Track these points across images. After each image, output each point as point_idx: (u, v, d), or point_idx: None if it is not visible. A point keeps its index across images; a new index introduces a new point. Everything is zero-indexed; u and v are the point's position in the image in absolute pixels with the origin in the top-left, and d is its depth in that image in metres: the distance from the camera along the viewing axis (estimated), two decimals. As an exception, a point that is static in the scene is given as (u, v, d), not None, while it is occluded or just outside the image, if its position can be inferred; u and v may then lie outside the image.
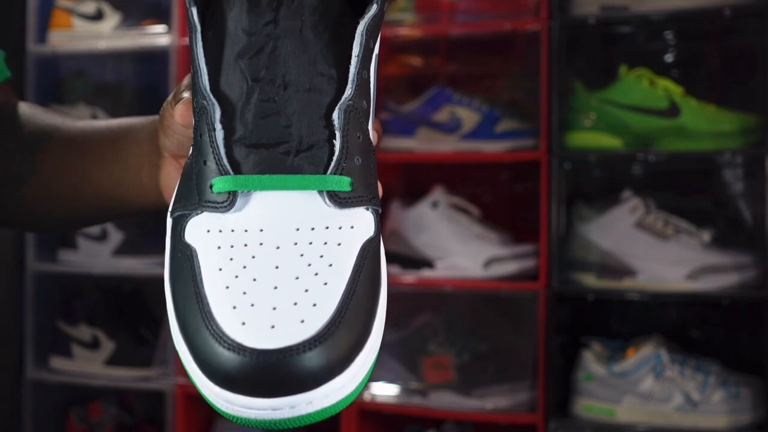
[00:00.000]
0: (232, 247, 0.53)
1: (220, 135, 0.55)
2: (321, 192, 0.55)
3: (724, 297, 1.89)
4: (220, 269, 0.52)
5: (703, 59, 2.15)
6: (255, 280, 0.51)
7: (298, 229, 0.54)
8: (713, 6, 1.92)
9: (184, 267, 0.54)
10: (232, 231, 0.54)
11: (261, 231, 0.54)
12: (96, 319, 2.38)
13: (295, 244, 0.53)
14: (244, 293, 0.51)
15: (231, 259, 0.53)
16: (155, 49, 2.32)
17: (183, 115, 0.64)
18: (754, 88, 1.94)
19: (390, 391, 2.09)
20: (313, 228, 0.54)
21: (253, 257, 0.52)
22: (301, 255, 0.53)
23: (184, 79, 0.67)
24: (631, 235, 1.95)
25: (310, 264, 0.52)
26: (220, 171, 0.55)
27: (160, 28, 2.32)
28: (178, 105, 0.64)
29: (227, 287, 0.51)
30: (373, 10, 0.57)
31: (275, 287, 0.51)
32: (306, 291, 0.51)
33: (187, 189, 0.57)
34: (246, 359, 0.48)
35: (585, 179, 2.14)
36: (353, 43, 0.56)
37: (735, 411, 1.84)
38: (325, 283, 0.51)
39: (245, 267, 0.52)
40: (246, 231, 0.54)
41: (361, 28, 0.57)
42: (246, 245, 0.53)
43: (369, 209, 0.57)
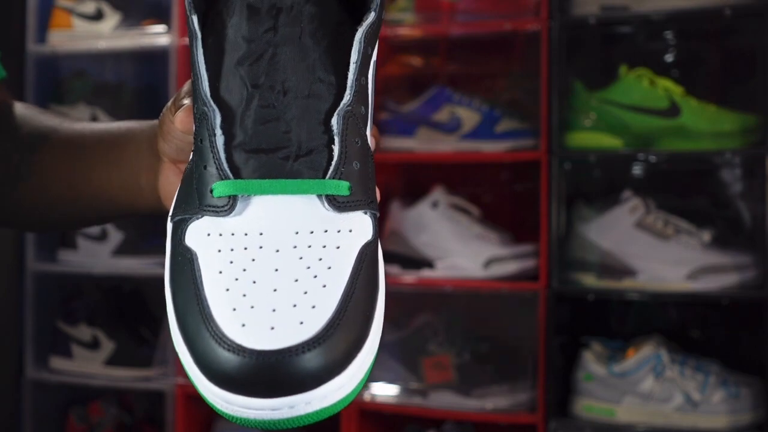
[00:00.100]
0: (232, 251, 0.54)
1: (220, 140, 0.56)
2: (320, 196, 0.55)
3: (724, 297, 1.89)
4: (220, 272, 0.53)
5: (703, 59, 2.15)
6: (255, 282, 0.52)
7: (297, 233, 0.54)
8: (713, 6, 1.92)
9: (184, 270, 0.54)
10: (232, 235, 0.55)
11: (261, 234, 0.54)
12: (96, 319, 2.38)
13: (295, 247, 0.54)
14: (244, 295, 0.51)
15: (231, 262, 0.53)
16: (155, 49, 2.32)
17: (183, 122, 0.64)
18: (754, 88, 1.94)
19: (390, 391, 2.09)
20: (312, 231, 0.54)
21: (253, 260, 0.53)
22: (300, 258, 0.53)
23: (183, 86, 0.67)
24: (631, 235, 1.95)
25: (309, 267, 0.53)
26: (220, 176, 0.55)
27: (160, 28, 2.32)
28: (178, 112, 0.65)
29: (227, 290, 0.52)
30: (371, 17, 0.58)
31: (275, 290, 0.51)
32: (305, 293, 0.51)
33: (188, 194, 0.57)
34: (245, 360, 0.49)
35: (585, 179, 2.14)
36: (351, 50, 0.57)
37: (735, 411, 1.84)
38: (324, 286, 0.52)
39: (245, 270, 0.53)
40: (246, 234, 0.54)
41: (359, 35, 0.57)
42: (246, 248, 0.54)
43: (367, 213, 0.57)
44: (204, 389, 0.51)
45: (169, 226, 0.59)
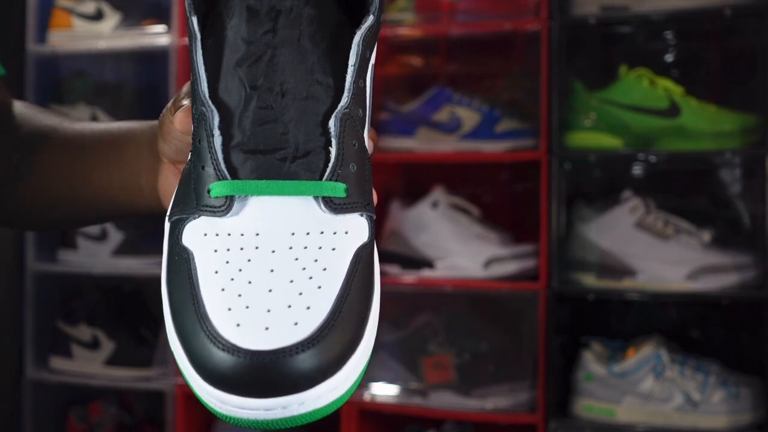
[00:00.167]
0: (228, 251, 0.54)
1: (218, 141, 0.56)
2: (316, 198, 0.56)
3: (724, 297, 1.89)
4: (216, 272, 0.53)
5: (703, 59, 2.15)
6: (250, 282, 0.52)
7: (293, 234, 0.55)
8: (713, 6, 1.92)
9: (181, 270, 0.55)
10: (228, 235, 0.55)
11: (257, 235, 0.54)
12: (96, 319, 2.38)
13: (290, 248, 0.54)
14: (239, 295, 0.51)
15: (227, 262, 0.53)
16: (155, 49, 2.32)
17: (182, 123, 0.65)
18: (754, 88, 1.94)
19: (390, 391, 2.09)
20: (308, 233, 0.55)
21: (249, 260, 0.53)
22: (296, 259, 0.53)
23: (183, 87, 0.67)
24: (631, 235, 1.95)
25: (304, 268, 0.53)
26: (218, 176, 0.56)
27: (160, 28, 2.32)
28: (177, 112, 0.65)
29: (223, 289, 0.52)
30: (370, 20, 0.58)
31: (270, 290, 0.52)
32: (300, 294, 0.52)
33: (186, 193, 0.58)
34: (240, 360, 0.49)
35: (585, 179, 2.14)
36: (350, 53, 0.57)
37: (735, 411, 1.84)
38: (319, 287, 0.52)
39: (241, 270, 0.53)
40: (242, 235, 0.55)
41: (358, 38, 0.58)
42: (242, 249, 0.54)
43: (363, 215, 0.57)
44: (198, 388, 0.51)
45: (167, 225, 0.59)
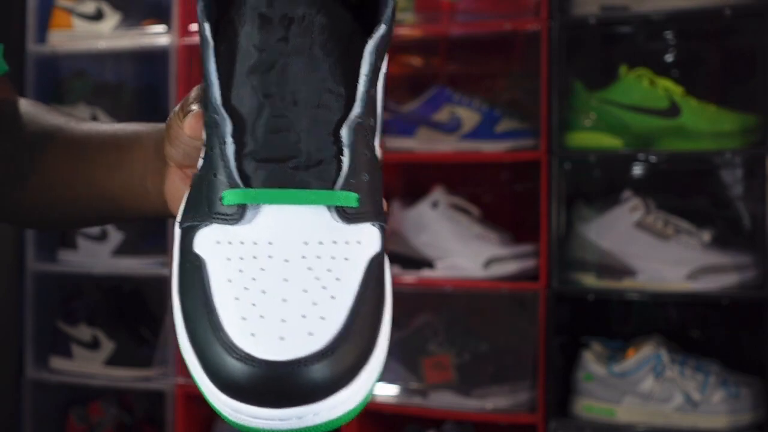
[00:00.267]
0: (241, 259, 0.54)
1: (230, 149, 0.56)
2: (329, 207, 0.55)
3: (724, 297, 1.89)
4: (229, 280, 0.53)
5: (703, 59, 2.15)
6: (264, 292, 0.52)
7: (306, 243, 0.54)
8: (713, 6, 1.92)
9: (193, 277, 0.54)
10: (241, 243, 0.54)
11: (270, 244, 0.54)
12: (96, 319, 2.38)
13: (304, 257, 0.54)
14: (253, 305, 0.51)
15: (240, 271, 0.53)
16: (155, 49, 2.32)
17: (192, 128, 0.64)
18: (754, 88, 1.94)
19: (390, 391, 2.09)
20: (321, 242, 0.54)
21: (262, 270, 0.53)
22: (309, 268, 0.53)
23: (191, 91, 0.67)
24: (631, 235, 1.95)
25: (318, 278, 0.53)
26: (230, 184, 0.55)
27: (160, 28, 2.32)
28: (187, 117, 0.65)
29: (237, 298, 0.52)
30: (382, 30, 0.58)
31: (284, 300, 0.51)
32: (314, 304, 0.51)
33: (197, 200, 0.57)
34: (255, 370, 0.49)
35: (585, 179, 2.14)
36: (361, 62, 0.57)
37: (735, 411, 1.84)
38: (333, 297, 0.52)
39: (254, 279, 0.53)
40: (255, 243, 0.54)
41: (370, 47, 0.57)
42: (255, 257, 0.54)
43: (375, 225, 0.57)
44: (211, 396, 0.51)
45: (177, 231, 0.59)
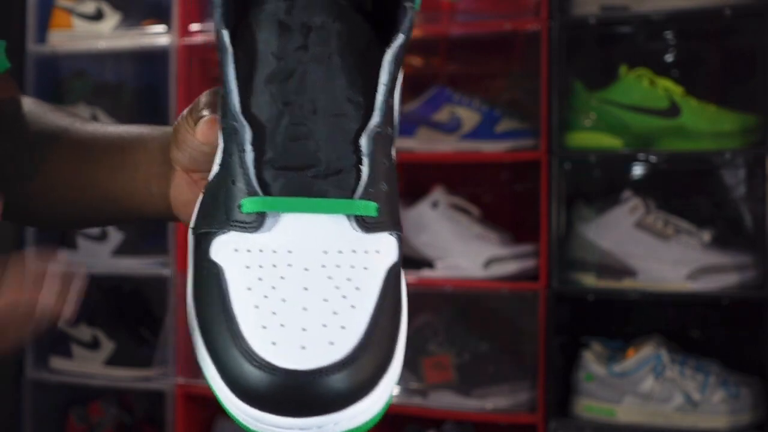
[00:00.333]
0: (260, 267, 0.53)
1: (250, 156, 0.56)
2: (348, 216, 0.55)
3: (724, 297, 1.89)
4: (249, 288, 0.53)
5: (703, 59, 2.15)
6: (284, 300, 0.52)
7: (325, 252, 0.54)
8: (713, 6, 1.92)
9: (210, 285, 0.54)
10: (260, 251, 0.54)
11: (289, 252, 0.54)
12: (96, 319, 2.38)
13: (323, 266, 0.53)
14: (273, 313, 0.51)
15: (260, 279, 0.53)
16: (155, 49, 2.32)
17: (205, 134, 0.64)
18: (754, 88, 1.94)
19: (390, 391, 2.09)
20: (341, 251, 0.54)
21: (282, 278, 0.53)
22: (329, 277, 0.53)
23: (201, 96, 0.66)
24: (631, 235, 1.95)
25: (338, 287, 0.53)
26: (249, 192, 0.55)
27: (160, 28, 2.32)
28: (200, 123, 0.64)
29: (256, 306, 0.52)
30: (400, 39, 0.57)
31: (304, 308, 0.51)
32: (335, 313, 0.51)
33: (213, 207, 0.57)
34: (276, 378, 0.49)
35: (585, 179, 2.14)
36: (381, 71, 0.57)
37: (735, 411, 1.84)
38: (353, 306, 0.52)
39: (274, 287, 0.52)
40: (274, 252, 0.54)
41: (389, 57, 0.57)
42: (275, 266, 0.53)
43: (393, 234, 0.57)
44: (230, 404, 0.51)
45: (191, 238, 0.58)
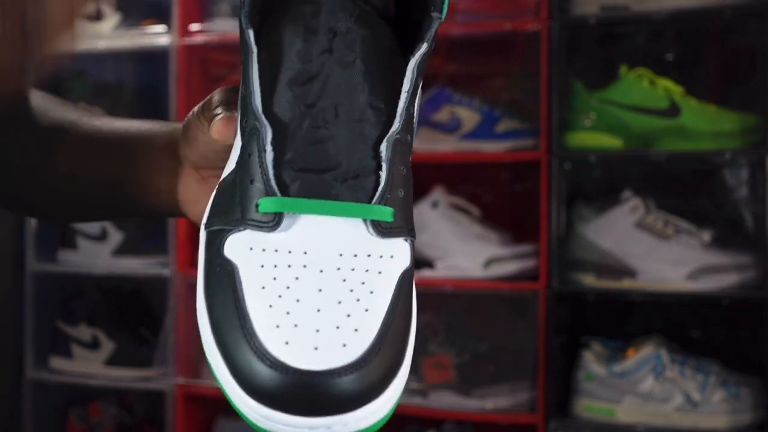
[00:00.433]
0: (275, 267, 0.54)
1: (269, 157, 0.56)
2: (365, 220, 0.56)
3: (724, 297, 1.89)
4: (263, 287, 0.53)
5: (703, 59, 2.15)
6: (298, 301, 0.52)
7: (341, 255, 0.54)
8: (713, 6, 1.92)
9: (223, 282, 0.54)
10: (276, 251, 0.55)
11: (305, 253, 0.54)
12: (96, 319, 2.38)
13: (338, 269, 0.54)
14: (287, 313, 0.51)
15: (274, 279, 0.53)
16: (155, 49, 2.32)
17: (221, 132, 0.64)
18: (754, 88, 1.94)
19: (390, 391, 2.09)
20: (356, 255, 0.55)
21: (297, 278, 0.53)
22: (344, 280, 0.53)
23: (214, 94, 0.67)
24: (631, 235, 1.95)
25: (352, 290, 0.53)
26: (267, 192, 0.55)
27: (160, 28, 2.32)
28: (216, 121, 0.64)
29: (270, 306, 0.52)
30: (424, 48, 0.58)
31: (318, 310, 0.52)
32: (348, 316, 0.52)
33: (228, 205, 0.57)
34: (287, 378, 0.49)
35: (585, 179, 2.14)
36: (403, 79, 0.58)
37: (735, 411, 1.84)
38: (366, 310, 0.52)
39: (288, 287, 0.53)
40: (290, 252, 0.54)
41: (413, 65, 0.57)
42: (289, 266, 0.54)
43: (407, 240, 0.58)
44: (240, 402, 0.51)
45: (203, 234, 0.58)
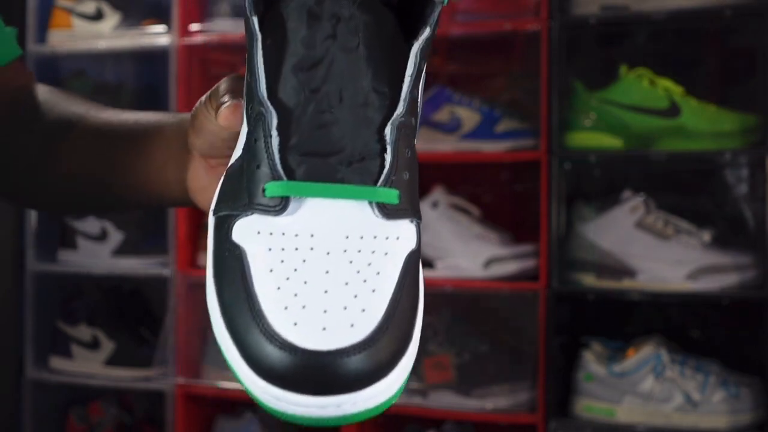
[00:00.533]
0: (283, 250, 0.55)
1: (275, 141, 0.57)
2: (370, 203, 0.57)
3: (724, 297, 1.89)
4: (271, 270, 0.54)
5: (703, 59, 2.15)
6: (306, 283, 0.53)
7: (347, 237, 0.55)
8: (713, 6, 1.92)
9: (232, 266, 0.55)
10: (282, 234, 0.55)
11: (312, 236, 0.55)
12: (96, 319, 2.38)
13: (345, 251, 0.55)
14: (295, 295, 0.52)
15: (282, 262, 0.54)
16: (155, 49, 2.32)
17: (228, 119, 0.65)
18: (754, 88, 1.94)
19: (390, 391, 2.09)
20: (362, 237, 0.56)
21: (304, 261, 0.54)
22: (350, 262, 0.54)
23: (220, 83, 0.67)
24: (631, 235, 1.95)
25: (358, 271, 0.54)
26: (273, 176, 0.56)
27: (159, 28, 2.32)
28: (222, 108, 0.65)
29: (278, 288, 0.53)
30: (427, 32, 0.59)
31: (326, 291, 0.52)
32: (355, 296, 0.52)
33: (236, 190, 0.58)
34: (297, 358, 0.50)
35: (585, 179, 2.14)
36: (406, 63, 0.59)
37: (735, 411, 1.84)
38: (373, 290, 0.53)
39: (296, 270, 0.53)
40: (297, 235, 0.55)
41: (416, 49, 0.59)
42: (297, 249, 0.55)
43: (413, 222, 0.59)
44: (250, 383, 0.52)
45: (211, 220, 0.59)
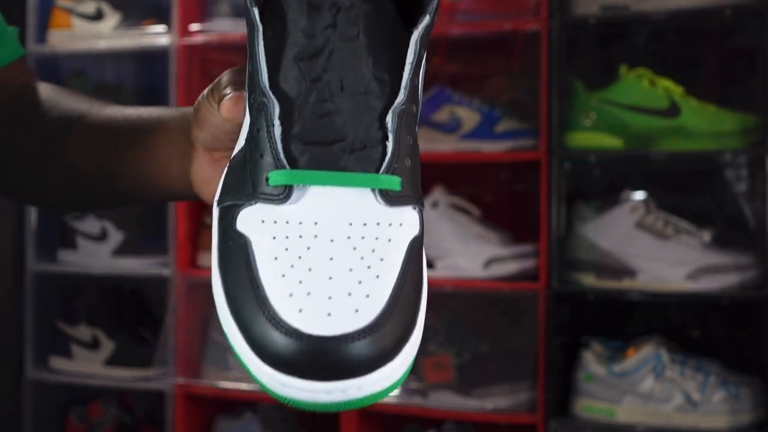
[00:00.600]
0: (287, 238, 0.55)
1: (278, 131, 0.58)
2: (373, 190, 0.57)
3: (724, 297, 1.89)
4: (275, 258, 0.54)
5: (703, 59, 2.15)
6: (310, 270, 0.54)
7: (351, 224, 0.56)
8: (713, 6, 1.92)
9: (237, 255, 0.56)
10: (286, 222, 0.56)
11: (315, 224, 0.56)
12: (96, 319, 2.38)
13: (348, 238, 0.55)
14: (300, 282, 0.53)
15: (286, 249, 0.55)
16: (155, 49, 2.32)
17: (230, 111, 0.65)
18: (754, 88, 1.94)
19: (390, 391, 2.09)
20: (365, 224, 0.56)
21: (308, 248, 0.55)
22: (354, 248, 0.55)
23: (222, 75, 0.68)
24: (631, 235, 1.95)
25: (362, 257, 0.55)
26: (276, 165, 0.57)
27: (159, 28, 2.32)
28: (224, 101, 0.66)
29: (283, 275, 0.53)
30: (426, 20, 0.60)
31: (330, 278, 0.53)
32: (359, 283, 0.53)
33: (239, 180, 0.59)
34: (303, 344, 0.50)
35: (585, 179, 2.14)
36: (407, 51, 0.60)
37: (735, 411, 1.84)
38: (377, 276, 0.54)
39: (300, 257, 0.54)
40: (300, 223, 0.56)
41: (416, 37, 0.59)
42: (301, 237, 0.55)
43: (416, 208, 0.60)
44: (257, 370, 0.52)
45: (216, 211, 0.60)
